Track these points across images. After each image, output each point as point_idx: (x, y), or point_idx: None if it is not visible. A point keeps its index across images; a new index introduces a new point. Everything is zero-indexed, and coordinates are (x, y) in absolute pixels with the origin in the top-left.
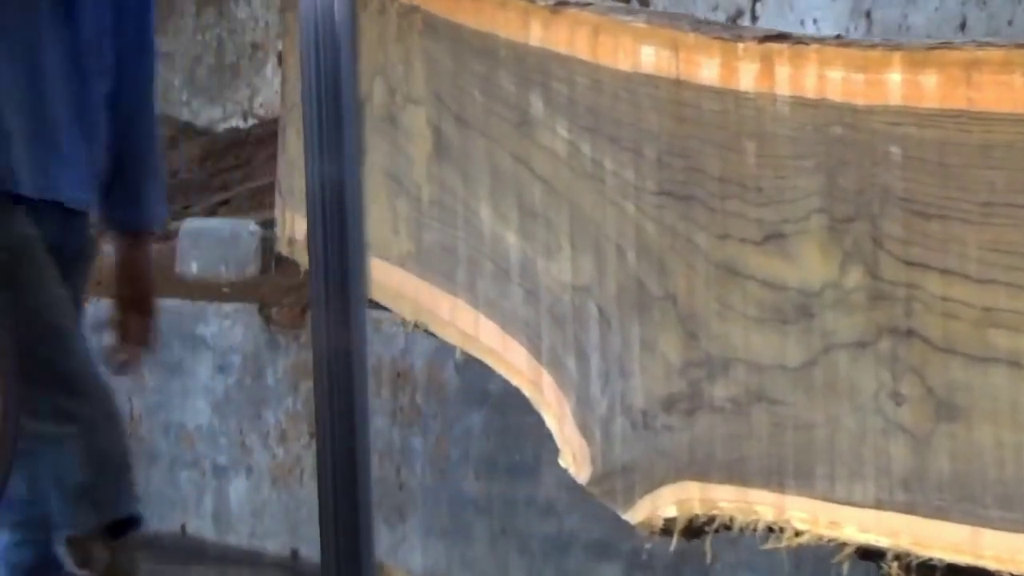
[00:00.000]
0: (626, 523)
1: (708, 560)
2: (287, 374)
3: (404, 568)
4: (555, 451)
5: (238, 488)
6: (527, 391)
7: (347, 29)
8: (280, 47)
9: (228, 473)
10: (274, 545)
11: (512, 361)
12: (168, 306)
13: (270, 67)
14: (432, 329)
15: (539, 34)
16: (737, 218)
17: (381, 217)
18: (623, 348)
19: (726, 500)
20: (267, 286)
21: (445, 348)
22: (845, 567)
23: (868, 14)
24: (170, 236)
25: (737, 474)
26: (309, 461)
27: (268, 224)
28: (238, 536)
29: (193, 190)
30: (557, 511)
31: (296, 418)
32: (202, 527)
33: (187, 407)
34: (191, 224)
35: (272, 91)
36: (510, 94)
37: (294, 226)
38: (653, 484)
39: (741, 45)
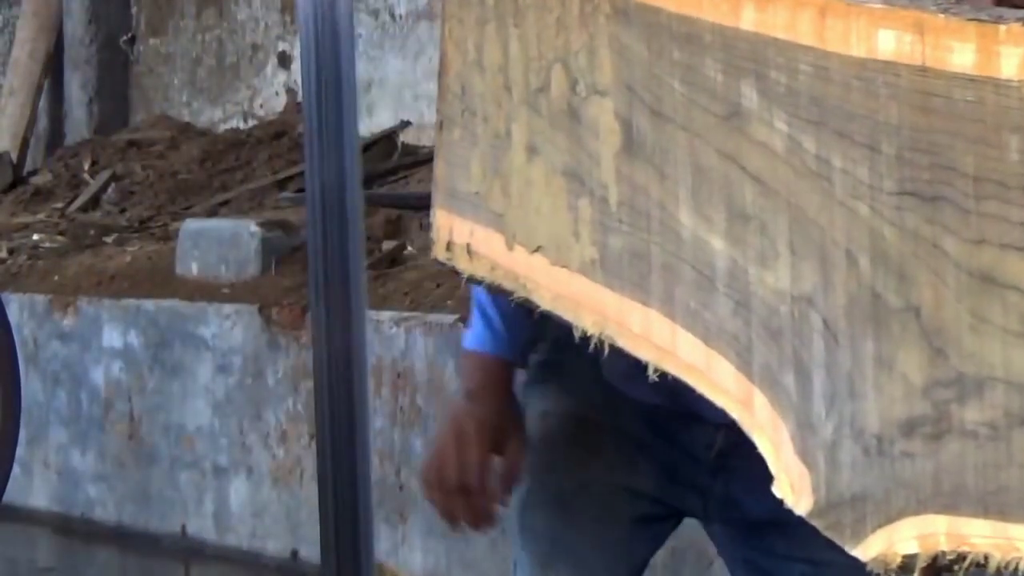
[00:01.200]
0: None
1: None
2: (287, 375)
3: (404, 568)
4: None
5: (238, 489)
6: (735, 412)
7: (347, 29)
8: (280, 47)
9: (228, 474)
10: (274, 546)
11: (717, 379)
12: (168, 307)
13: (270, 68)
14: (620, 343)
15: (752, 17)
16: (997, 221)
17: (559, 220)
18: (853, 365)
19: (980, 536)
20: (267, 286)
21: (445, 348)
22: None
23: None
24: (170, 236)
25: (994, 507)
26: (309, 462)
27: (268, 224)
28: (238, 537)
29: (193, 190)
30: None
31: (296, 419)
32: (202, 527)
33: (187, 408)
34: (191, 224)
35: (272, 92)
36: (717, 84)
37: (452, 230)
38: (889, 517)
39: (1003, 27)
